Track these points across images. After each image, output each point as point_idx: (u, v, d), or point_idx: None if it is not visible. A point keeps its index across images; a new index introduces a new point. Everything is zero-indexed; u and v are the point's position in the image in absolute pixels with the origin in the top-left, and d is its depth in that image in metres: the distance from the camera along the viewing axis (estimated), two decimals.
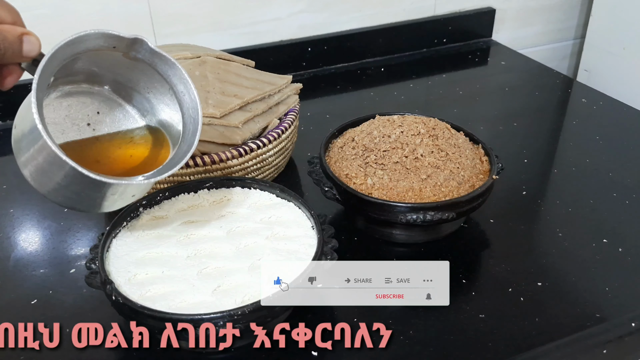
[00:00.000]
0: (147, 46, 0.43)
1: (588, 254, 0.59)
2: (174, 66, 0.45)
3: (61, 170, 0.39)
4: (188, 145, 0.45)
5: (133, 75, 0.47)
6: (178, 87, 0.46)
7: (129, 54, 0.44)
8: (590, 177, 0.73)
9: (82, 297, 0.54)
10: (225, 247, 0.51)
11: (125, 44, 0.42)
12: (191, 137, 0.46)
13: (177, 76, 0.45)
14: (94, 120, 0.48)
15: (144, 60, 0.44)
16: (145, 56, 0.44)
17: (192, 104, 0.46)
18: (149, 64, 0.44)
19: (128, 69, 0.46)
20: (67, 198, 0.42)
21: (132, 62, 0.45)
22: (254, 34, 0.96)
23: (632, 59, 1.05)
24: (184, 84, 0.46)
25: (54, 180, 0.40)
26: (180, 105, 0.46)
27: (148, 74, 0.46)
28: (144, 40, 0.42)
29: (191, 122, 0.46)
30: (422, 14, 1.08)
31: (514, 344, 0.49)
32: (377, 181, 0.57)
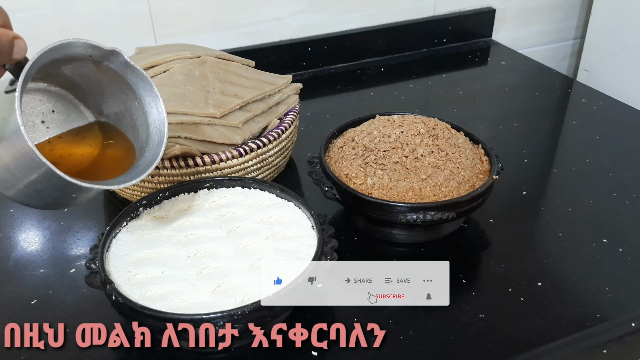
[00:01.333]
0: (122, 58, 0.45)
1: (588, 254, 0.59)
2: (145, 79, 0.47)
3: (34, 171, 0.39)
4: (154, 155, 0.48)
5: (99, 82, 0.48)
6: (146, 100, 0.48)
7: (102, 64, 0.46)
8: (590, 177, 0.73)
9: (82, 297, 0.54)
10: (225, 247, 0.51)
11: (102, 54, 0.44)
12: (157, 147, 0.48)
13: (146, 89, 0.48)
14: (48, 118, 0.48)
15: (115, 70, 0.46)
16: (118, 67, 0.46)
17: (159, 117, 0.48)
18: (120, 74, 0.47)
19: (96, 78, 0.48)
20: (24, 195, 0.43)
21: (100, 71, 0.47)
22: (254, 34, 0.96)
23: (632, 59, 1.05)
24: (152, 97, 0.48)
25: (19, 178, 0.41)
26: (147, 116, 0.49)
27: (116, 85, 0.48)
28: (120, 52, 0.45)
29: (157, 133, 0.49)
30: (422, 14, 1.08)
31: (514, 344, 0.49)
32: (377, 181, 0.57)
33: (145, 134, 0.49)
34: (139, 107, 0.49)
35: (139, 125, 0.50)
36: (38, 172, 0.39)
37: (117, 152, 0.50)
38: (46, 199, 0.43)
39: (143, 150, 0.49)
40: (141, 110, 0.49)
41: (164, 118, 0.48)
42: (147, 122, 0.49)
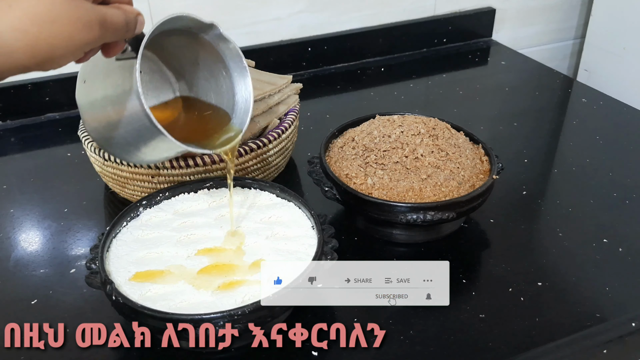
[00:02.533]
0: (217, 31, 0.48)
1: (588, 254, 0.59)
2: (235, 52, 0.50)
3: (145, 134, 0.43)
4: (241, 122, 0.51)
5: (190, 51, 0.51)
6: (234, 71, 0.51)
7: (198, 36, 0.49)
8: (590, 177, 0.73)
9: (82, 297, 0.54)
10: (225, 247, 0.51)
11: (201, 26, 0.48)
12: (243, 115, 0.51)
13: (236, 62, 0.51)
14: None
15: (209, 41, 0.49)
16: (213, 39, 0.49)
17: (246, 88, 0.51)
18: (213, 45, 0.50)
19: (187, 46, 0.50)
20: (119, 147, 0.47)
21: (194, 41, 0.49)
22: (254, 34, 0.96)
23: (632, 59, 1.05)
24: (240, 69, 0.51)
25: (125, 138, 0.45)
26: (234, 86, 0.51)
27: (206, 54, 0.51)
28: (217, 26, 0.48)
29: (243, 102, 0.51)
30: (422, 14, 1.08)
31: (514, 344, 0.49)
32: (377, 181, 0.57)
33: (232, 102, 0.52)
34: (226, 77, 0.51)
35: (224, 93, 0.52)
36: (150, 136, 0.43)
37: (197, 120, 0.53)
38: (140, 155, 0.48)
39: (229, 116, 0.52)
40: (228, 80, 0.51)
41: (250, 89, 0.51)
42: (234, 92, 0.51)
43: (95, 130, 0.48)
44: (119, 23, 0.38)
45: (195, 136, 0.50)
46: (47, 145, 0.83)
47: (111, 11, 0.37)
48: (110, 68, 0.44)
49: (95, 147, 0.62)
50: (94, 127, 0.48)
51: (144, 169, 0.60)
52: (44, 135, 0.84)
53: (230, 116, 0.52)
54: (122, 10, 0.39)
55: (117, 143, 0.47)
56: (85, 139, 0.63)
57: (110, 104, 0.44)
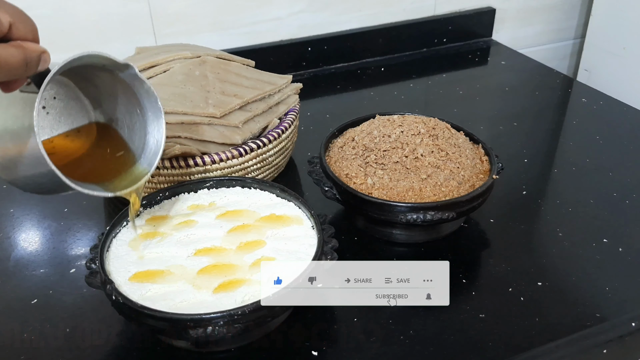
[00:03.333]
0: (133, 71, 0.47)
1: (588, 254, 0.59)
2: (151, 93, 0.49)
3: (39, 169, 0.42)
4: (149, 164, 0.50)
5: (108, 84, 0.50)
6: (148, 111, 0.50)
7: (114, 72, 0.48)
8: (590, 177, 0.73)
9: (82, 297, 0.54)
10: (225, 247, 0.51)
11: (116, 65, 0.46)
12: (152, 156, 0.50)
13: (150, 102, 0.50)
14: (49, 104, 0.49)
15: (125, 80, 0.48)
16: (128, 78, 0.48)
17: (159, 129, 0.50)
18: (129, 84, 0.49)
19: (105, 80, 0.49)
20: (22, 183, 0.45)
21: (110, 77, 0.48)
22: (254, 34, 0.96)
23: (632, 59, 1.05)
24: (155, 110, 0.50)
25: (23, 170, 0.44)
26: (146, 125, 0.51)
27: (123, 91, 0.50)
28: (132, 66, 0.47)
29: (154, 143, 0.51)
30: (422, 14, 1.08)
31: (514, 344, 0.49)
32: (377, 181, 0.57)
33: (143, 141, 0.51)
34: (140, 115, 0.50)
35: (136, 131, 0.51)
36: (44, 172, 0.41)
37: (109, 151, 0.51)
38: (41, 190, 0.46)
39: (139, 156, 0.51)
40: (142, 118, 0.50)
41: (163, 131, 0.50)
42: (146, 131, 0.51)
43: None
44: (15, 63, 0.36)
45: (101, 173, 0.49)
46: None
47: (7, 51, 0.36)
48: (13, 100, 0.43)
49: None
50: None
51: None
52: None
53: (139, 156, 0.51)
54: (21, 50, 0.36)
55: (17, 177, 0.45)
56: None
57: (9, 137, 0.42)
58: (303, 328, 0.50)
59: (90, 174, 0.48)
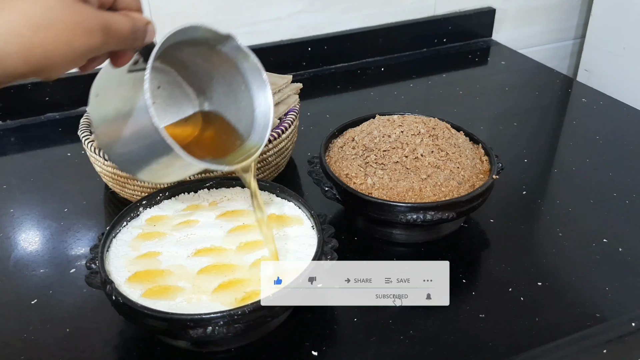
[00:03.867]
0: (235, 43, 0.47)
1: (588, 254, 0.59)
2: (254, 65, 0.48)
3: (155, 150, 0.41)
4: (260, 138, 0.49)
5: (208, 64, 0.49)
6: (253, 84, 0.49)
7: (215, 47, 0.47)
8: (590, 177, 0.73)
9: (82, 297, 0.54)
10: (225, 247, 0.51)
11: (217, 37, 0.46)
12: (263, 130, 0.49)
13: (255, 75, 0.49)
14: (155, 94, 0.49)
15: (227, 54, 0.48)
16: (230, 51, 0.47)
17: (266, 102, 0.49)
18: (231, 58, 0.48)
19: (205, 59, 0.49)
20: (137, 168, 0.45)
21: (212, 54, 0.48)
22: (254, 34, 0.96)
23: (632, 59, 1.05)
24: (260, 82, 0.49)
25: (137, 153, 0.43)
26: (252, 100, 0.50)
27: (224, 68, 0.49)
28: (234, 37, 0.46)
29: (262, 117, 0.50)
30: (422, 14, 1.08)
31: (514, 344, 0.49)
32: (377, 181, 0.57)
33: (251, 117, 0.50)
34: (245, 91, 0.50)
35: (243, 108, 0.50)
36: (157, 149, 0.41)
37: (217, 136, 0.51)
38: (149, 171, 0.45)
39: (248, 132, 0.50)
40: (247, 94, 0.50)
41: (270, 103, 0.49)
42: (253, 106, 0.50)
43: (108, 147, 0.46)
44: (125, 31, 0.36)
45: (214, 152, 0.49)
46: (47, 145, 0.83)
47: (116, 18, 0.35)
48: (122, 81, 0.43)
49: (95, 147, 0.62)
50: (106, 143, 0.46)
51: None
52: (44, 135, 0.84)
53: (250, 131, 0.50)
54: (129, 18, 0.36)
55: (131, 160, 0.45)
56: (85, 138, 0.63)
57: (122, 119, 0.42)
58: (303, 328, 0.50)
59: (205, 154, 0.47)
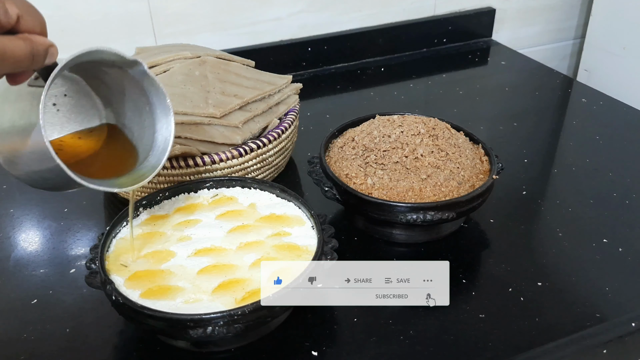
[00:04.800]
0: (142, 68, 0.47)
1: (588, 254, 0.59)
2: (160, 90, 0.49)
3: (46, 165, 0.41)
4: (157, 160, 0.49)
5: (117, 82, 0.50)
6: (157, 108, 0.50)
7: (122, 69, 0.47)
8: (590, 177, 0.73)
9: (82, 297, 0.54)
10: (225, 247, 0.51)
11: (124, 62, 0.46)
12: (160, 154, 0.49)
13: (159, 99, 0.49)
14: (60, 101, 0.49)
15: (134, 77, 0.48)
16: (137, 75, 0.48)
17: (167, 127, 0.50)
18: (138, 81, 0.48)
19: (114, 77, 0.49)
20: (29, 178, 0.45)
21: (119, 73, 0.48)
22: (254, 34, 0.96)
23: (632, 59, 1.05)
24: (164, 107, 0.49)
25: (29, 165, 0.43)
26: (155, 122, 0.50)
27: (132, 88, 0.49)
28: (141, 63, 0.47)
29: (163, 141, 0.50)
30: (422, 14, 1.08)
31: (514, 344, 0.49)
32: (377, 181, 0.57)
33: (151, 139, 0.50)
34: (149, 113, 0.50)
35: (146, 128, 0.51)
36: (50, 167, 0.41)
37: (118, 151, 0.51)
38: (47, 185, 0.45)
39: (147, 153, 0.50)
40: (151, 116, 0.50)
41: (171, 129, 0.50)
42: (155, 129, 0.50)
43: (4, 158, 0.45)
44: (21, 55, 0.36)
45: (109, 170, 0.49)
46: None
47: (13, 43, 0.35)
48: (22, 93, 0.42)
49: None
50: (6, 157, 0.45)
51: None
52: None
53: (148, 153, 0.50)
54: (28, 42, 0.36)
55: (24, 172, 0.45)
56: None
57: (17, 133, 0.42)
58: (303, 328, 0.50)
59: (98, 172, 0.47)
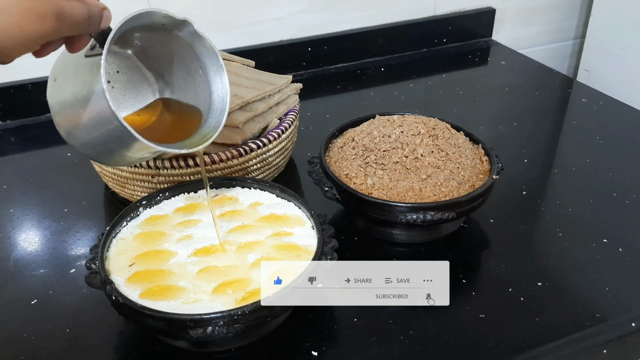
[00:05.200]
0: (192, 28, 0.48)
1: (588, 254, 0.59)
2: (211, 50, 0.49)
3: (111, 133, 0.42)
4: (217, 122, 0.50)
5: (166, 49, 0.50)
6: (210, 69, 0.50)
7: (172, 32, 0.48)
8: (590, 177, 0.73)
9: (82, 297, 0.54)
10: (225, 247, 0.51)
11: (174, 23, 0.47)
12: (219, 114, 0.50)
13: (212, 59, 0.50)
14: (114, 78, 0.50)
15: (184, 39, 0.48)
16: (187, 36, 0.48)
17: (223, 86, 0.51)
18: (188, 43, 0.49)
19: (163, 44, 0.50)
20: (92, 148, 0.45)
21: (169, 40, 0.48)
22: (254, 34, 0.96)
23: (632, 59, 1.05)
24: (217, 67, 0.50)
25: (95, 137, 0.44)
26: (210, 84, 0.51)
27: (182, 53, 0.50)
28: (190, 22, 0.47)
29: (219, 101, 0.51)
30: (422, 14, 1.08)
31: (514, 344, 0.49)
32: (377, 181, 0.57)
33: (208, 101, 0.51)
34: (202, 75, 0.50)
35: (200, 92, 0.51)
36: (113, 131, 0.42)
37: (175, 121, 0.52)
38: (109, 155, 0.46)
39: (206, 116, 0.51)
40: (205, 78, 0.50)
41: (227, 87, 0.50)
42: (210, 90, 0.51)
43: (68, 133, 0.46)
44: (79, 16, 0.36)
45: (172, 136, 0.49)
46: (47, 145, 0.83)
47: (71, 3, 0.36)
48: (80, 65, 0.43)
49: None
50: (66, 129, 0.45)
51: (144, 168, 0.60)
52: (44, 135, 0.84)
53: (207, 115, 0.51)
54: (84, 4, 0.37)
55: (89, 144, 0.45)
56: None
57: (80, 104, 0.43)
58: (303, 328, 0.50)
59: (162, 138, 0.47)
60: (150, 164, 0.60)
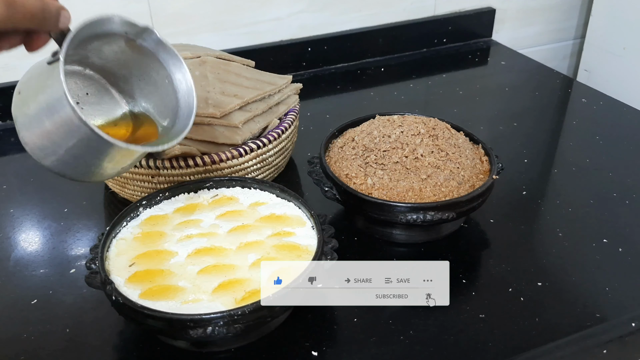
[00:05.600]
0: (155, 36, 0.48)
1: (588, 254, 0.59)
2: (174, 56, 0.50)
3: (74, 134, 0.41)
4: (183, 125, 0.50)
5: (132, 64, 0.51)
6: (176, 75, 0.51)
7: (135, 42, 0.48)
8: (590, 177, 0.73)
9: (82, 297, 0.54)
10: (225, 247, 0.51)
11: (136, 31, 0.47)
12: (186, 119, 0.50)
13: (176, 65, 0.50)
14: (83, 100, 0.50)
15: (148, 48, 0.49)
16: (150, 45, 0.49)
17: (188, 90, 0.51)
18: (152, 51, 0.49)
19: (128, 60, 0.50)
20: (62, 162, 0.44)
21: (132, 50, 0.49)
22: (254, 34, 0.96)
23: (632, 59, 1.05)
24: (182, 72, 0.50)
25: (59, 144, 0.43)
26: (176, 92, 0.51)
27: (148, 64, 0.50)
28: (152, 30, 0.47)
29: (186, 106, 0.51)
30: (422, 14, 1.08)
31: (514, 344, 0.49)
32: (377, 181, 0.57)
33: (175, 108, 0.51)
34: (168, 85, 0.51)
35: (168, 102, 0.52)
36: (79, 134, 0.41)
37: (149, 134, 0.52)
38: (82, 166, 0.45)
39: (173, 123, 0.51)
40: (171, 87, 0.51)
41: (192, 91, 0.51)
42: (177, 98, 0.51)
43: (38, 149, 0.44)
44: (32, 7, 0.36)
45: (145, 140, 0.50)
46: None
47: None
48: (42, 72, 0.42)
49: None
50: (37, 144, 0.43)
51: (144, 168, 0.60)
52: None
53: (174, 121, 0.51)
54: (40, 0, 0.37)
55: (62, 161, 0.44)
56: None
57: (43, 113, 0.42)
58: (303, 328, 0.50)
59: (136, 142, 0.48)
60: (150, 164, 0.60)
